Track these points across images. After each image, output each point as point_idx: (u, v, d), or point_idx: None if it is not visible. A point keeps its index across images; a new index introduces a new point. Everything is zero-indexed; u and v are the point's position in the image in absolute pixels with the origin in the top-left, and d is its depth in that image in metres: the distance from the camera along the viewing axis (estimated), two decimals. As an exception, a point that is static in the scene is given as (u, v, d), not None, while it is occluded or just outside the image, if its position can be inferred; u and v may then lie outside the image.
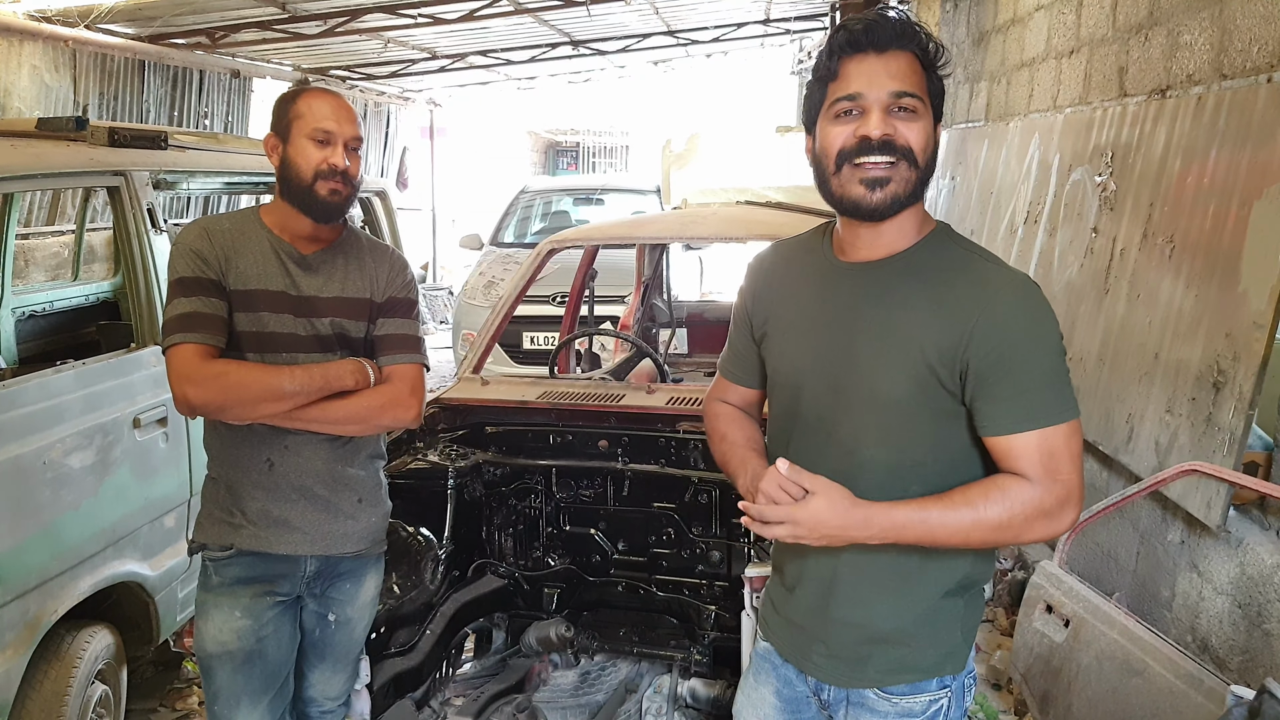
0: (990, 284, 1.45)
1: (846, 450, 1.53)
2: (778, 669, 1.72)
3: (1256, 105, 2.99)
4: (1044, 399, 1.43)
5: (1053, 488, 1.43)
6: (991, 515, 1.42)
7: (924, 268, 1.49)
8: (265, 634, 2.10)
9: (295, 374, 1.93)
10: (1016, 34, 5.63)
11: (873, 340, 1.49)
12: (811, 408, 1.57)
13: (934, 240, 1.51)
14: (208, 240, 2.00)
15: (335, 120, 2.00)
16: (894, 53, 1.43)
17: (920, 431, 1.49)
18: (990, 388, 1.43)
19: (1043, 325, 1.44)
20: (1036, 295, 1.45)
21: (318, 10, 7.38)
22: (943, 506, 1.43)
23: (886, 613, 1.57)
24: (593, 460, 2.92)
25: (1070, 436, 1.44)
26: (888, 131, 1.42)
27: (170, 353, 1.92)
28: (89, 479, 2.76)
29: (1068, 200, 4.45)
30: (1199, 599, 3.07)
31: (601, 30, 10.05)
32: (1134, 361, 3.54)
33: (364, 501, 2.17)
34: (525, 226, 9.03)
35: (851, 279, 1.54)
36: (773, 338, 1.65)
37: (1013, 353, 1.41)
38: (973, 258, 1.50)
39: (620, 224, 5.17)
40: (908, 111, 1.43)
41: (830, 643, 1.61)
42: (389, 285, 2.13)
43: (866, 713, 1.61)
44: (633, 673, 3.15)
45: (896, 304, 1.48)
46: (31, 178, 2.80)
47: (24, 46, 6.33)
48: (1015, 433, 1.43)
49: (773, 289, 1.68)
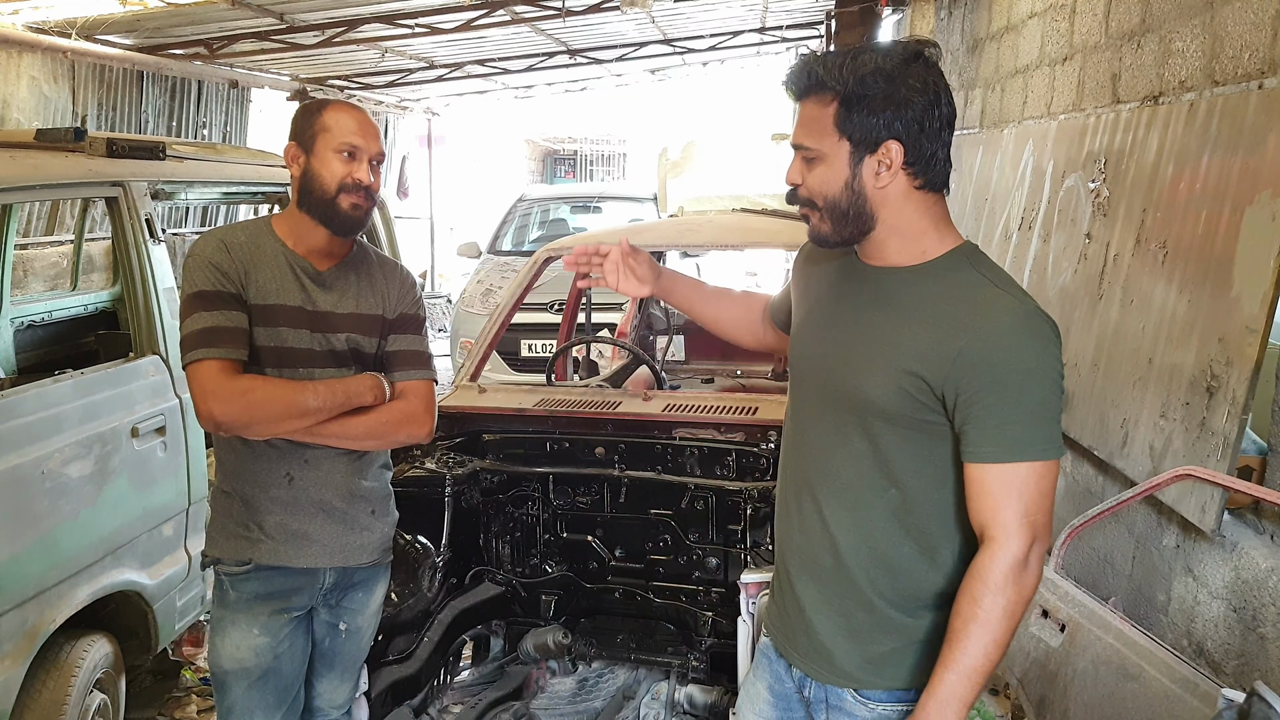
0: (990, 307, 1.44)
1: (835, 439, 1.58)
2: (772, 664, 1.76)
3: (1248, 111, 3.00)
4: (1024, 433, 1.42)
5: (1012, 536, 1.42)
6: (985, 619, 1.42)
7: (930, 285, 1.50)
8: (281, 650, 2.11)
9: (319, 390, 1.94)
10: (1010, 41, 5.66)
11: (866, 343, 1.53)
12: (813, 393, 1.63)
13: (952, 258, 1.52)
14: (226, 253, 1.99)
15: (362, 136, 2.01)
16: (806, 101, 1.50)
17: (902, 438, 1.51)
18: (973, 411, 1.44)
19: (1035, 359, 1.42)
20: (1036, 328, 1.44)
21: (315, 20, 7.40)
22: (953, 653, 1.44)
23: (858, 607, 1.59)
24: (590, 467, 2.93)
25: (1044, 475, 1.43)
26: (795, 180, 1.54)
27: (192, 369, 1.92)
28: (87, 488, 2.77)
29: (1061, 206, 4.47)
30: (1194, 603, 3.08)
31: (598, 39, 10.08)
32: (1128, 366, 3.55)
33: (376, 512, 2.19)
34: (523, 234, 9.05)
35: (863, 280, 1.58)
36: (799, 318, 1.72)
37: (1000, 380, 1.41)
38: (983, 281, 1.49)
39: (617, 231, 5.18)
40: (807, 161, 1.51)
41: (810, 632, 1.64)
42: (400, 302, 2.16)
43: (844, 716, 1.63)
44: (630, 679, 3.16)
45: (893, 313, 1.52)
46: (30, 189, 2.81)
47: (23, 58, 6.34)
48: (989, 462, 1.44)
49: (810, 274, 1.73)
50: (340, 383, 1.99)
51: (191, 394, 1.94)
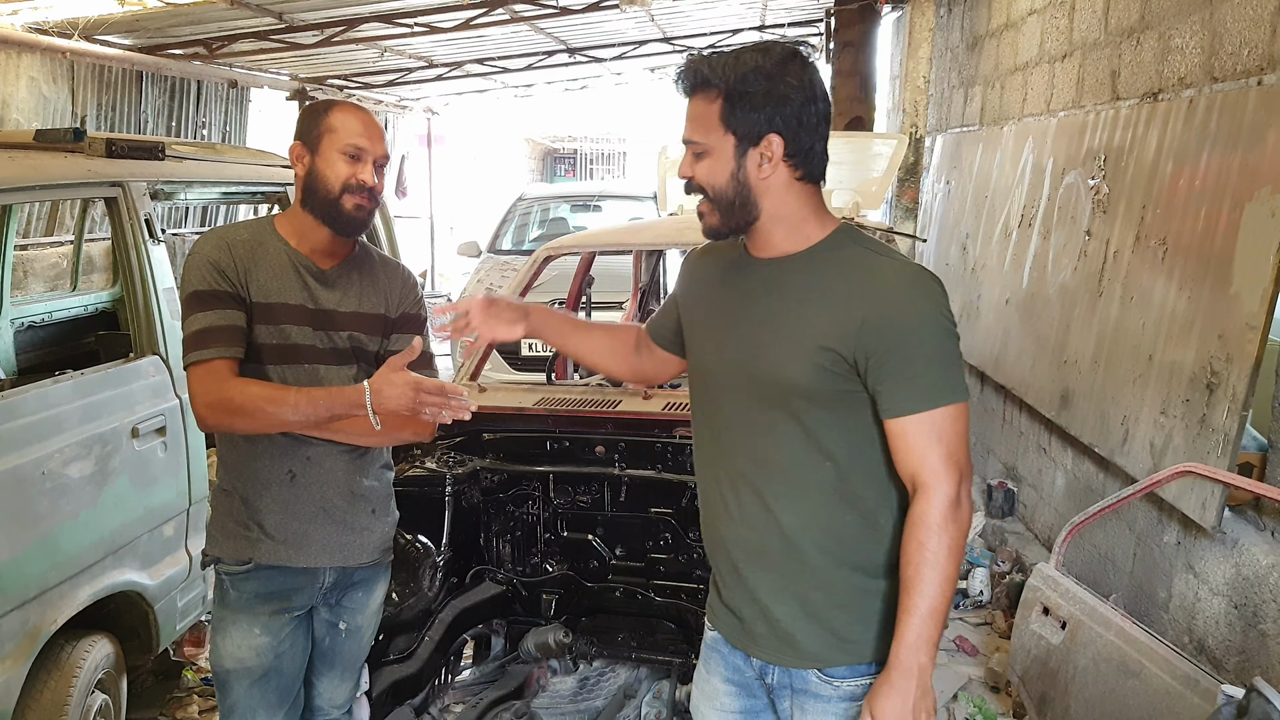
0: (881, 275, 1.55)
1: (761, 430, 1.63)
2: (726, 657, 1.79)
3: (1247, 108, 3.00)
4: (932, 382, 1.52)
5: (941, 478, 1.52)
6: (934, 560, 1.51)
7: (822, 265, 1.60)
8: (282, 650, 2.12)
9: (299, 404, 1.90)
10: (1010, 38, 5.66)
11: (774, 331, 1.60)
12: (726, 393, 1.68)
13: (835, 239, 1.62)
14: (227, 252, 1.99)
15: (367, 138, 2.01)
16: (694, 99, 1.58)
17: (826, 412, 1.58)
18: (884, 371, 1.52)
19: (929, 312, 1.53)
20: (925, 283, 1.55)
21: (314, 20, 7.40)
22: (911, 599, 1.53)
23: (813, 586, 1.63)
24: (590, 466, 2.93)
25: (958, 418, 1.53)
26: (686, 174, 1.61)
27: (189, 372, 1.95)
28: (88, 489, 2.77)
29: (1061, 203, 4.47)
30: (1195, 600, 3.08)
31: (598, 38, 10.08)
32: (1128, 363, 3.55)
33: (376, 512, 2.19)
34: (523, 233, 9.05)
35: (757, 273, 1.66)
36: (692, 326, 1.78)
37: (902, 338, 1.51)
38: (868, 254, 1.59)
39: (617, 230, 5.18)
40: (696, 156, 1.59)
41: (768, 620, 1.68)
42: (402, 301, 2.16)
43: (811, 699, 1.67)
44: (631, 678, 3.16)
45: (794, 298, 1.60)
46: (30, 189, 2.81)
47: (22, 58, 6.35)
48: (907, 414, 1.53)
49: (697, 281, 1.80)
50: (324, 395, 1.93)
51: (190, 396, 1.96)
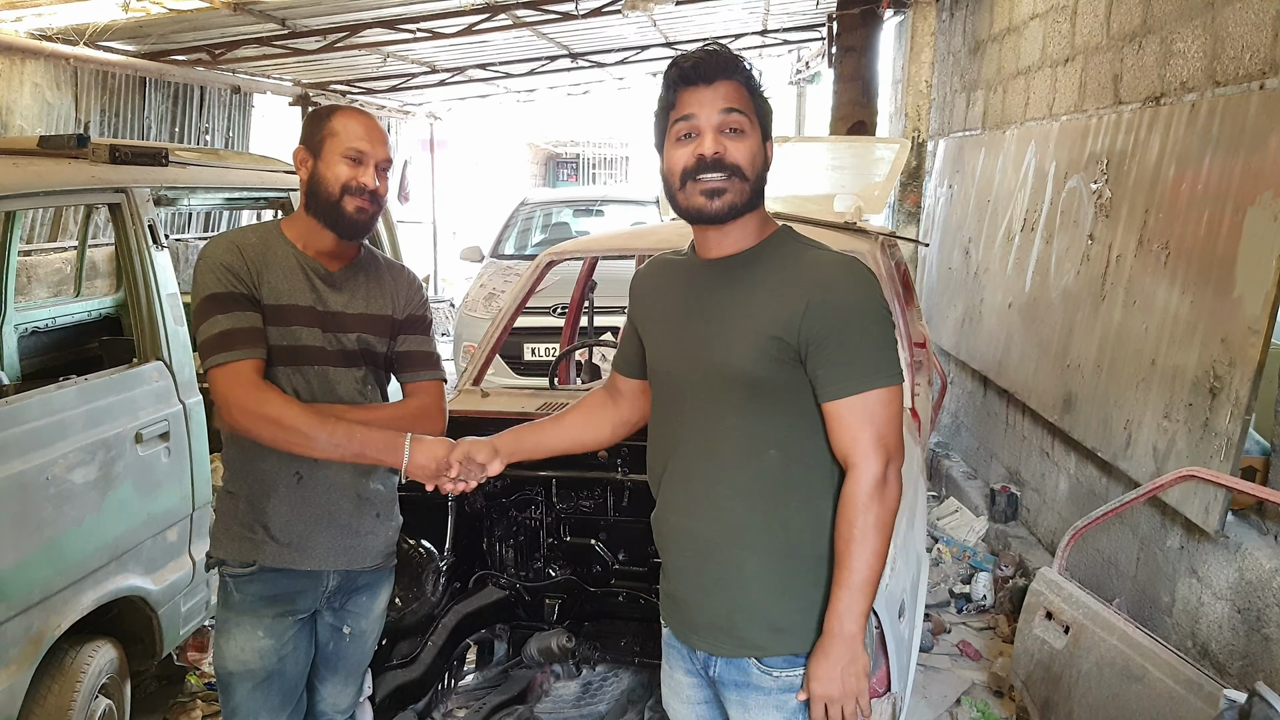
0: (819, 266, 1.65)
1: (711, 421, 1.69)
2: (679, 650, 1.83)
3: (1249, 112, 3.01)
4: (867, 366, 1.61)
5: (870, 458, 1.60)
6: (862, 535, 1.60)
7: (766, 260, 1.69)
8: (285, 652, 2.12)
9: (336, 436, 1.93)
10: (1012, 43, 5.66)
11: (724, 323, 1.67)
12: (680, 389, 1.74)
13: (776, 239, 1.72)
14: (239, 254, 2.01)
15: (369, 141, 2.03)
16: (720, 83, 1.65)
17: (772, 400, 1.65)
18: (823, 355, 1.60)
19: (865, 299, 1.63)
20: (859, 272, 1.65)
21: (317, 26, 7.42)
22: (842, 572, 1.61)
23: (755, 574, 1.68)
24: (592, 471, 2.93)
25: (890, 401, 1.62)
26: (718, 150, 1.64)
27: (214, 374, 1.94)
28: (91, 494, 2.77)
29: (1064, 207, 4.48)
30: (1198, 604, 3.08)
31: (600, 43, 10.10)
32: (1131, 367, 3.55)
33: (381, 516, 2.19)
34: (525, 238, 9.05)
35: (706, 273, 1.74)
36: (649, 334, 1.85)
37: (843, 322, 1.60)
38: (806, 247, 1.71)
39: (619, 235, 5.18)
40: (736, 131, 1.65)
41: (710, 608, 1.72)
42: (408, 303, 2.19)
43: (752, 691, 1.71)
44: (634, 683, 3.16)
45: (742, 291, 1.68)
46: (33, 195, 2.82)
47: (26, 65, 6.37)
48: (843, 397, 1.61)
49: (649, 294, 1.88)
50: (364, 436, 1.96)
51: (214, 397, 1.95)
